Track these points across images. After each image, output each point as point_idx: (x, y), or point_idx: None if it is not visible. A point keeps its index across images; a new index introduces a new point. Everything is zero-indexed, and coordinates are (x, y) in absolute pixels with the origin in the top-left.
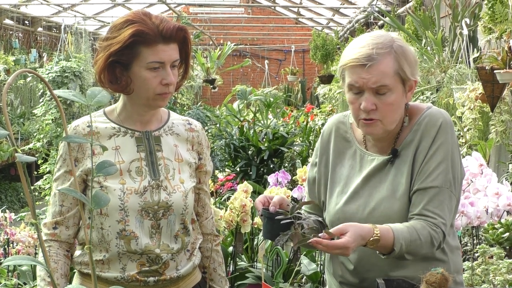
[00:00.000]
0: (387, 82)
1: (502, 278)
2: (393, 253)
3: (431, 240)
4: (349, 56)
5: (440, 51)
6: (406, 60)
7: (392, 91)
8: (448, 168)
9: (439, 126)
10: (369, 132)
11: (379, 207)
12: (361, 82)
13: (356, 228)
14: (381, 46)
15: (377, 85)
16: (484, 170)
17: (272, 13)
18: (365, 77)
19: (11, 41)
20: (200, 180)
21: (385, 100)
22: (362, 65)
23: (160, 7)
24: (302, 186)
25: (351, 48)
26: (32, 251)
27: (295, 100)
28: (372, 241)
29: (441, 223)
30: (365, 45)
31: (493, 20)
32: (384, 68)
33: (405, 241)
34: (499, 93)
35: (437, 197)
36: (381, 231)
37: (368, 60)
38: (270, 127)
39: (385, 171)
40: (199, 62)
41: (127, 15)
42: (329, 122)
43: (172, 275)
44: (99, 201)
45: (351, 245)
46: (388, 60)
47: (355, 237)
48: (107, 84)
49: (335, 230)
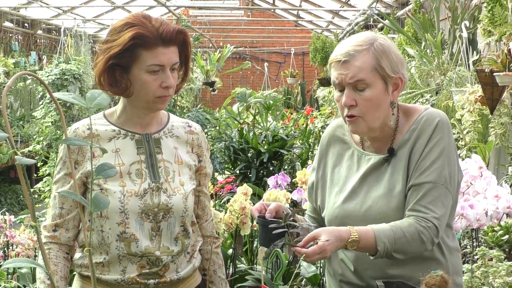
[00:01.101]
0: (363, 77)
1: (501, 280)
2: (378, 253)
3: (418, 236)
4: (332, 54)
5: (439, 54)
6: (386, 57)
7: (371, 87)
8: (443, 165)
9: (436, 124)
10: (354, 130)
11: (376, 205)
12: (340, 78)
13: (330, 230)
14: (360, 43)
15: (354, 80)
16: (483, 173)
17: (271, 16)
18: (342, 72)
19: (10, 43)
20: (200, 182)
21: (364, 95)
22: (339, 61)
23: (160, 9)
24: (302, 189)
25: (336, 47)
26: (32, 253)
27: (295, 102)
28: (351, 242)
29: (433, 217)
30: (346, 44)
31: (492, 22)
32: (360, 64)
33: (388, 239)
34: (499, 95)
35: (431, 192)
36: (360, 232)
37: (345, 56)
38: (269, 129)
39: (382, 170)
40: (198, 64)
41: (127, 17)
42: (328, 128)
43: (172, 277)
44: (99, 204)
45: (327, 247)
46: (365, 56)
47: (329, 238)
48: (106, 87)
49: (306, 238)
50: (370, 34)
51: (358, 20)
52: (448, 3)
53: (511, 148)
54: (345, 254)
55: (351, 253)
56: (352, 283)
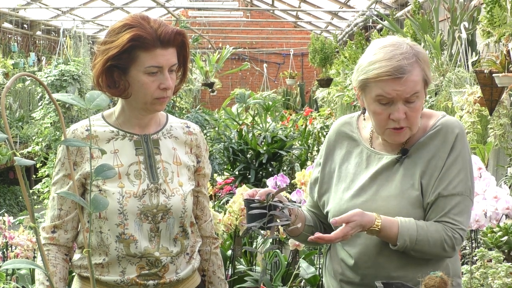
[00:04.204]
0: (418, 91)
1: (500, 281)
2: (397, 247)
3: (441, 244)
4: (376, 69)
5: (438, 55)
6: (428, 66)
7: (419, 97)
8: (467, 176)
9: (457, 134)
10: (397, 140)
11: (387, 204)
12: (394, 94)
13: (359, 217)
14: (408, 56)
15: (410, 95)
16: (482, 174)
17: (270, 17)
18: (399, 89)
19: (9, 44)
20: (199, 183)
21: (413, 107)
22: (396, 78)
23: (159, 10)
24: (301, 190)
25: (375, 60)
26: (31, 254)
27: (294, 103)
28: (371, 230)
29: (460, 229)
30: (391, 57)
31: (491, 23)
32: (415, 77)
33: (410, 238)
34: (498, 96)
35: (459, 204)
36: (384, 223)
37: (402, 73)
38: (268, 130)
39: (393, 170)
40: (197, 65)
41: (126, 19)
42: (335, 124)
43: (172, 278)
44: (98, 205)
45: (349, 232)
46: (417, 69)
47: (354, 226)
48: (105, 88)
49: (342, 218)
50: (402, 41)
51: (357, 21)
52: (447, 4)
53: (510, 149)
54: (347, 251)
55: (355, 248)
56: (352, 283)
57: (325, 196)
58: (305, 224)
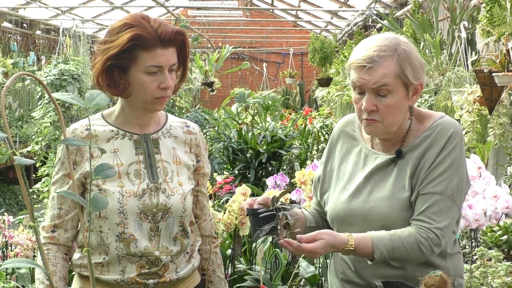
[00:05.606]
0: (386, 83)
1: (500, 280)
2: (375, 260)
3: (418, 247)
4: (354, 56)
5: (438, 54)
6: (409, 64)
7: (393, 93)
8: (452, 176)
9: (450, 135)
10: (370, 131)
11: (378, 206)
12: (361, 82)
13: (330, 237)
14: (385, 49)
15: (376, 86)
16: (482, 173)
17: (270, 16)
18: (365, 78)
19: (9, 44)
20: (199, 182)
21: (385, 102)
22: (362, 66)
23: (159, 10)
24: (301, 189)
25: (358, 48)
26: (31, 254)
27: (294, 103)
28: (346, 251)
29: (436, 227)
30: (370, 47)
31: (491, 23)
32: (384, 70)
33: (386, 248)
34: (497, 96)
35: (437, 203)
36: (358, 240)
37: (368, 62)
38: (268, 130)
39: (387, 170)
40: (197, 65)
41: (125, 18)
42: (339, 122)
43: (172, 277)
44: (98, 204)
45: (319, 251)
46: (389, 62)
47: (325, 245)
48: (105, 88)
49: (308, 237)
50: (393, 37)
51: (357, 21)
52: (447, 3)
53: (510, 148)
54: None
55: None
56: (353, 282)
57: (326, 195)
58: (305, 226)
